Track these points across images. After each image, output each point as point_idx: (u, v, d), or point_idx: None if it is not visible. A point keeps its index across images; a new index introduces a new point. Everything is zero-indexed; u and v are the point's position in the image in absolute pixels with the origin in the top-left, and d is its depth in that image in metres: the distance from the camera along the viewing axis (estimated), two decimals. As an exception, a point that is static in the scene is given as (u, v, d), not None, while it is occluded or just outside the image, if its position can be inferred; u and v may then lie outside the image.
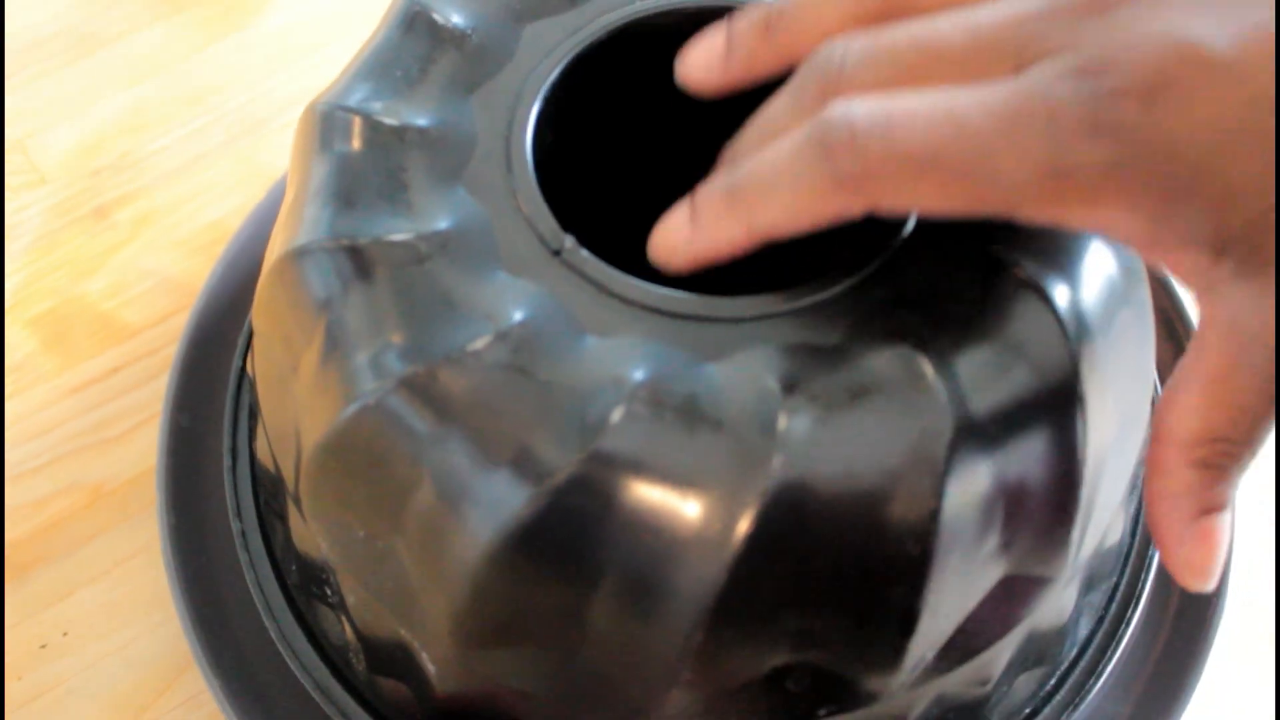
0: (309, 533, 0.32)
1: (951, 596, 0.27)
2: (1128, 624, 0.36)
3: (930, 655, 0.28)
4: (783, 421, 0.26)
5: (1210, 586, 0.27)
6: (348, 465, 0.29)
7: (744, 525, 0.26)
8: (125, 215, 0.50)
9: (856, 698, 0.29)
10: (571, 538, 0.27)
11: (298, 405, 0.31)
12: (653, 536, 0.26)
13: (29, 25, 0.54)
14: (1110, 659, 0.36)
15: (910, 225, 0.29)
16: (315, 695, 0.35)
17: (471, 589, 0.28)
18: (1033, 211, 0.25)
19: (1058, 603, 0.31)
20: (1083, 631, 0.36)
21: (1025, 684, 0.34)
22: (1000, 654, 0.31)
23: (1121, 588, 0.36)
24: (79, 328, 0.47)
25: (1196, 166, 0.23)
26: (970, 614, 0.28)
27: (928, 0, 0.27)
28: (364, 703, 0.35)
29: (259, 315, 0.33)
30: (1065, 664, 0.35)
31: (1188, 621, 0.40)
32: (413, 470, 0.28)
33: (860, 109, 0.25)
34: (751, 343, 0.27)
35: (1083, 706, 0.35)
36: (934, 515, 0.26)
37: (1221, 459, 0.26)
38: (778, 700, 0.28)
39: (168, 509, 0.40)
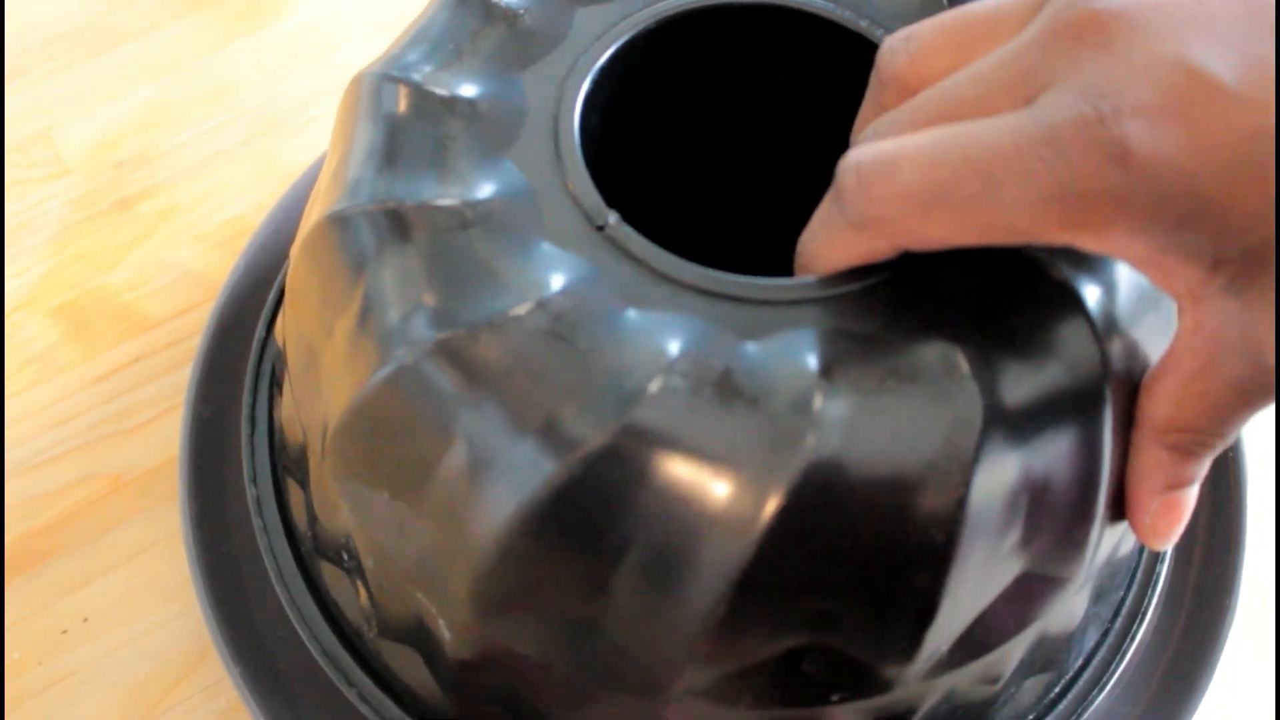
0: (331, 496, 0.32)
1: (971, 588, 0.28)
2: (1132, 638, 0.36)
3: (945, 647, 0.29)
4: (818, 402, 0.26)
5: (1166, 547, 0.30)
6: (379, 427, 0.29)
7: (774, 503, 0.26)
8: (147, 208, 0.50)
9: (870, 685, 0.29)
10: (600, 507, 0.27)
11: (330, 369, 0.31)
12: (681, 510, 0.26)
13: (53, 18, 0.55)
14: (1114, 671, 0.36)
15: None
16: (321, 661, 0.35)
17: (495, 554, 0.28)
18: (1043, 238, 0.25)
19: (1070, 607, 0.32)
20: (1089, 642, 0.36)
21: (1031, 689, 0.34)
22: (1012, 653, 0.31)
23: (1128, 602, 0.37)
24: (101, 319, 0.47)
25: (1202, 196, 0.24)
26: (987, 608, 0.29)
27: (944, 67, 0.28)
28: (372, 672, 0.35)
29: (294, 279, 0.33)
30: (1070, 673, 0.36)
31: (1197, 631, 0.40)
32: (445, 433, 0.28)
33: (866, 153, 0.26)
34: (790, 325, 0.28)
35: (1085, 716, 0.35)
36: (961, 504, 0.26)
37: (1190, 445, 0.28)
38: (792, 681, 0.29)
39: (190, 499, 0.40)
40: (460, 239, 0.29)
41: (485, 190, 0.30)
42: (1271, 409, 0.28)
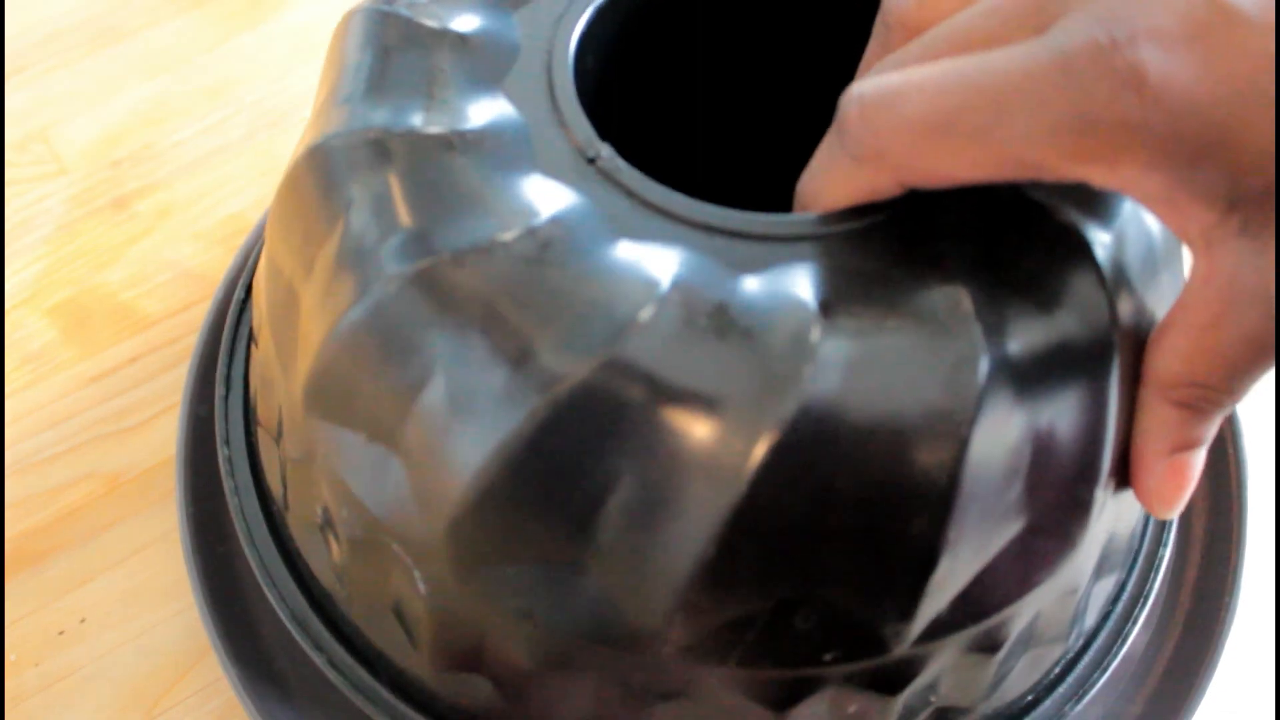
0: (306, 443, 0.31)
1: (972, 540, 0.27)
2: (1134, 621, 0.36)
3: (945, 605, 0.28)
4: (815, 338, 0.25)
5: (1172, 515, 0.28)
6: (356, 362, 0.28)
7: (767, 442, 0.25)
8: (145, 206, 0.50)
9: (865, 644, 0.28)
10: (585, 443, 0.26)
11: (309, 308, 0.30)
12: (670, 448, 0.25)
13: (51, 16, 0.55)
14: (1116, 654, 0.35)
15: None
16: (291, 626, 0.34)
17: (475, 494, 0.27)
18: (1054, 172, 0.24)
19: (1072, 575, 0.31)
20: (1090, 621, 0.35)
21: (1029, 667, 0.33)
22: (1013, 619, 0.30)
23: (1130, 586, 0.36)
24: (98, 317, 0.47)
25: (1219, 127, 0.23)
26: (988, 566, 0.28)
27: (952, 8, 0.27)
28: (343, 638, 0.34)
29: (275, 218, 0.32)
30: (1070, 654, 0.35)
31: (1196, 629, 0.40)
32: (424, 367, 0.27)
33: (869, 85, 0.25)
34: (788, 260, 0.27)
35: (1085, 700, 0.35)
36: (962, 448, 0.25)
37: (1199, 401, 0.26)
38: (784, 638, 0.28)
39: (187, 499, 0.40)
40: (447, 166, 0.28)
41: (474, 121, 0.29)
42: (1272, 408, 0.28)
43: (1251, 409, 0.45)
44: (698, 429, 0.25)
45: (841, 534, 0.26)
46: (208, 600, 0.38)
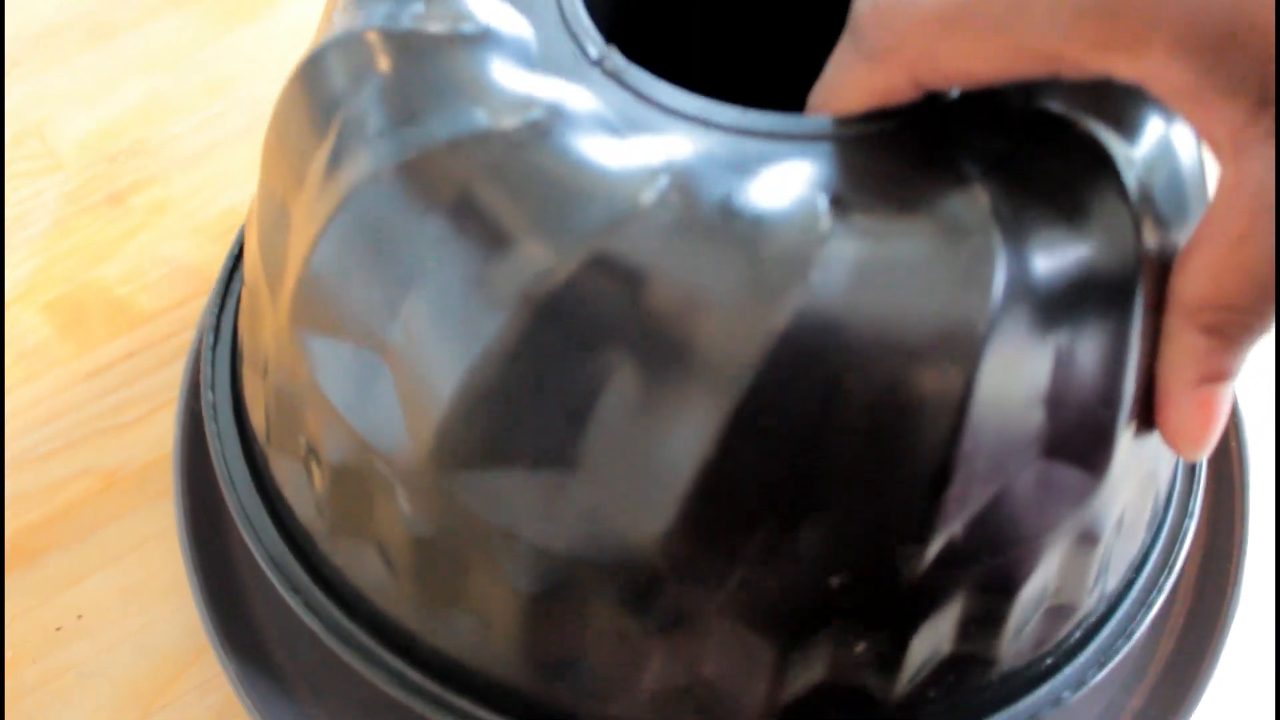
0: (291, 362, 0.30)
1: (988, 455, 0.25)
2: (1159, 590, 0.34)
3: (960, 530, 0.26)
4: (824, 230, 0.24)
5: (1201, 456, 0.27)
6: (346, 260, 0.27)
7: (771, 338, 0.24)
8: (141, 201, 0.50)
9: (876, 568, 0.26)
10: (581, 336, 0.25)
11: (299, 219, 0.29)
12: (669, 342, 0.24)
13: (46, 11, 0.55)
14: (1141, 621, 0.33)
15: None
16: (267, 568, 0.33)
17: (466, 393, 0.26)
18: (1075, 64, 0.23)
19: (1092, 519, 0.29)
20: (1111, 584, 0.33)
21: (1048, 622, 0.32)
22: (1030, 559, 0.28)
23: (1156, 552, 0.35)
24: (94, 313, 0.47)
25: (1245, 11, 0.22)
26: (1005, 491, 0.26)
27: None
28: (321, 581, 0.33)
29: (267, 145, 0.31)
30: (1092, 618, 0.33)
31: (1200, 615, 0.40)
32: (417, 257, 0.26)
33: None
34: (798, 159, 0.26)
35: (1108, 667, 0.33)
36: (980, 347, 0.24)
37: (1228, 326, 0.25)
38: (788, 555, 0.26)
39: (184, 495, 0.40)
40: (446, 61, 0.27)
41: (476, 20, 0.28)
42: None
43: (1252, 402, 0.45)
44: (697, 324, 0.24)
45: (849, 438, 0.25)
46: (205, 596, 0.38)
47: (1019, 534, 0.27)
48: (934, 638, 0.29)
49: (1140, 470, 0.30)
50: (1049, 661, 0.33)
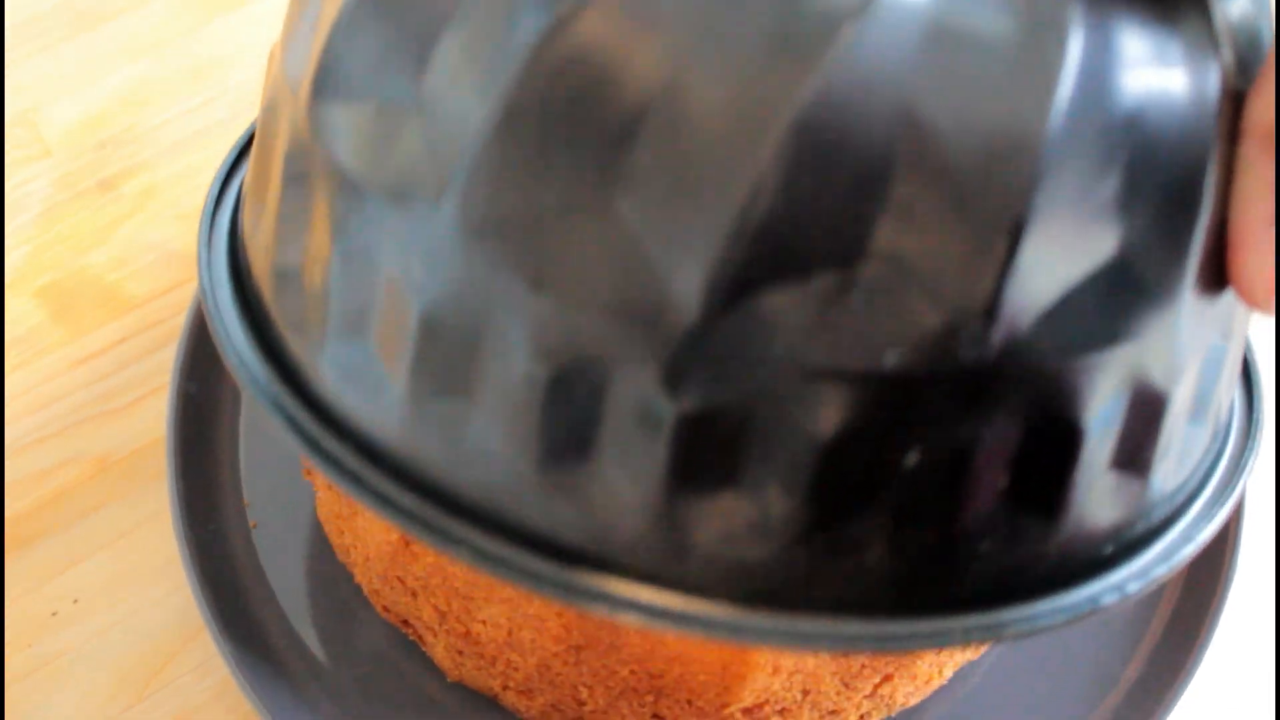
0: (307, 151, 0.29)
1: (1061, 229, 0.24)
2: (1223, 502, 0.32)
3: (1028, 321, 0.24)
4: None
5: (1272, 309, 0.25)
6: (365, 23, 0.26)
7: (832, 54, 0.22)
8: (130, 188, 0.49)
9: (935, 341, 0.24)
10: (621, 59, 0.23)
11: (326, 9, 0.28)
12: (716, 53, 0.22)
13: (33, 0, 0.54)
14: (1204, 529, 0.31)
15: None
16: (254, 392, 0.30)
17: (496, 127, 0.24)
18: None
19: (1160, 368, 0.27)
20: (1179, 473, 0.31)
21: (1110, 494, 0.29)
22: (1092, 386, 0.26)
23: (1226, 455, 0.33)
24: (84, 299, 0.47)
25: None
26: (1076, 287, 0.25)
27: None
28: (310, 406, 0.30)
29: None
30: (1155, 517, 0.31)
31: (1198, 580, 0.40)
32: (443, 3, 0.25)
33: None
34: None
35: (1175, 561, 0.30)
36: (1052, 88, 0.22)
37: None
38: (838, 322, 0.24)
39: (177, 477, 0.40)
40: None
41: None
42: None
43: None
44: (757, 44, 0.22)
45: (916, 182, 0.23)
46: (200, 578, 0.38)
47: (1087, 340, 0.25)
48: (990, 460, 0.26)
49: (1205, 341, 0.28)
50: (1109, 550, 0.30)
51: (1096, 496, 0.28)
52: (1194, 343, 0.28)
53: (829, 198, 0.23)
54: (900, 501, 0.26)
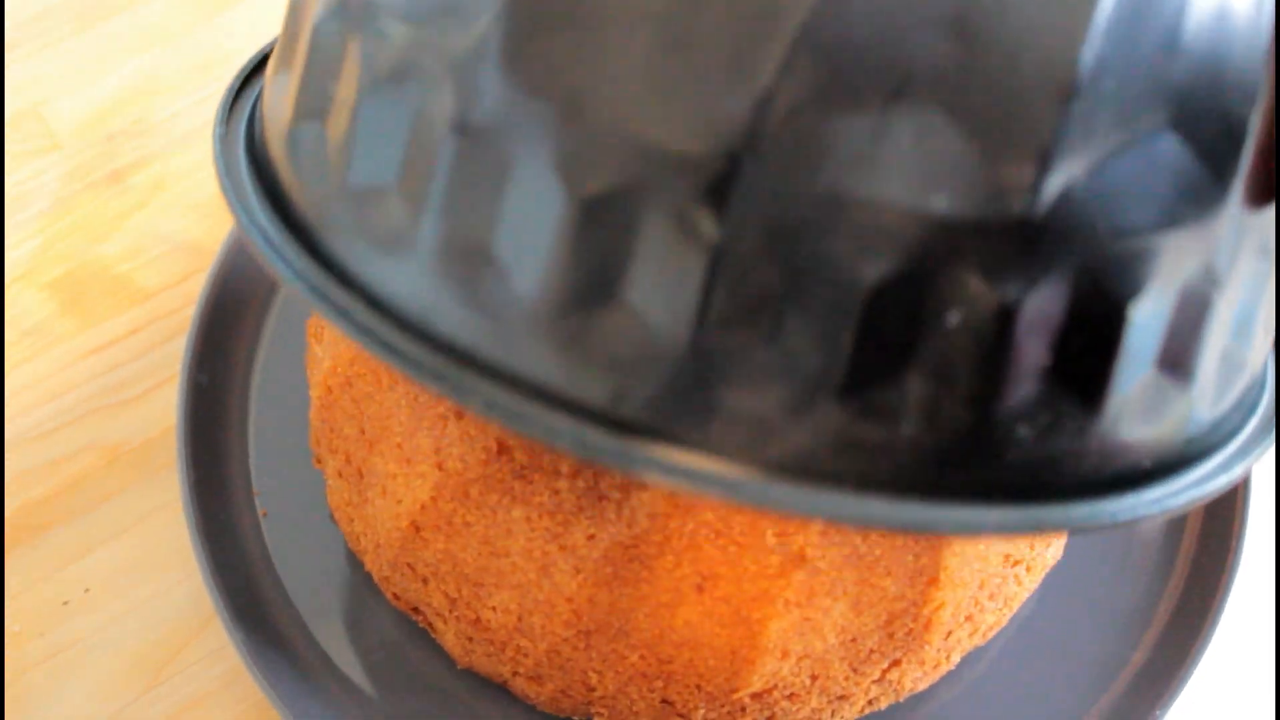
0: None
1: (1117, 84, 0.23)
2: (1267, 435, 0.31)
3: (1081, 175, 0.23)
4: None
5: None
6: None
7: None
8: (140, 180, 0.50)
9: (984, 190, 0.23)
10: None
11: None
12: None
13: (42, -7, 0.55)
14: (1244, 462, 0.30)
15: None
16: (265, 252, 0.28)
17: None
18: None
19: (1211, 264, 0.26)
20: (1220, 410, 0.30)
21: (1149, 406, 0.28)
22: (1142, 264, 0.25)
23: (1261, 407, 0.32)
24: (96, 291, 0.47)
25: None
26: (1129, 149, 0.24)
27: None
28: (322, 263, 0.29)
29: None
30: (1195, 447, 0.30)
31: (1203, 568, 0.40)
32: None
33: None
34: None
35: (1212, 484, 0.29)
36: None
37: None
38: (884, 159, 0.23)
39: (189, 465, 0.40)
40: None
41: None
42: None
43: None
44: None
45: (976, 11, 0.22)
46: (211, 566, 0.38)
47: (1134, 220, 0.25)
48: (1034, 330, 0.25)
49: (1248, 254, 0.27)
50: (1147, 465, 0.29)
51: (1138, 395, 0.27)
52: (1238, 251, 0.27)
53: (888, 28, 0.22)
54: (938, 365, 0.25)
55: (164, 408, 0.45)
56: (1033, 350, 0.25)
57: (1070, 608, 0.39)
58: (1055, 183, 0.23)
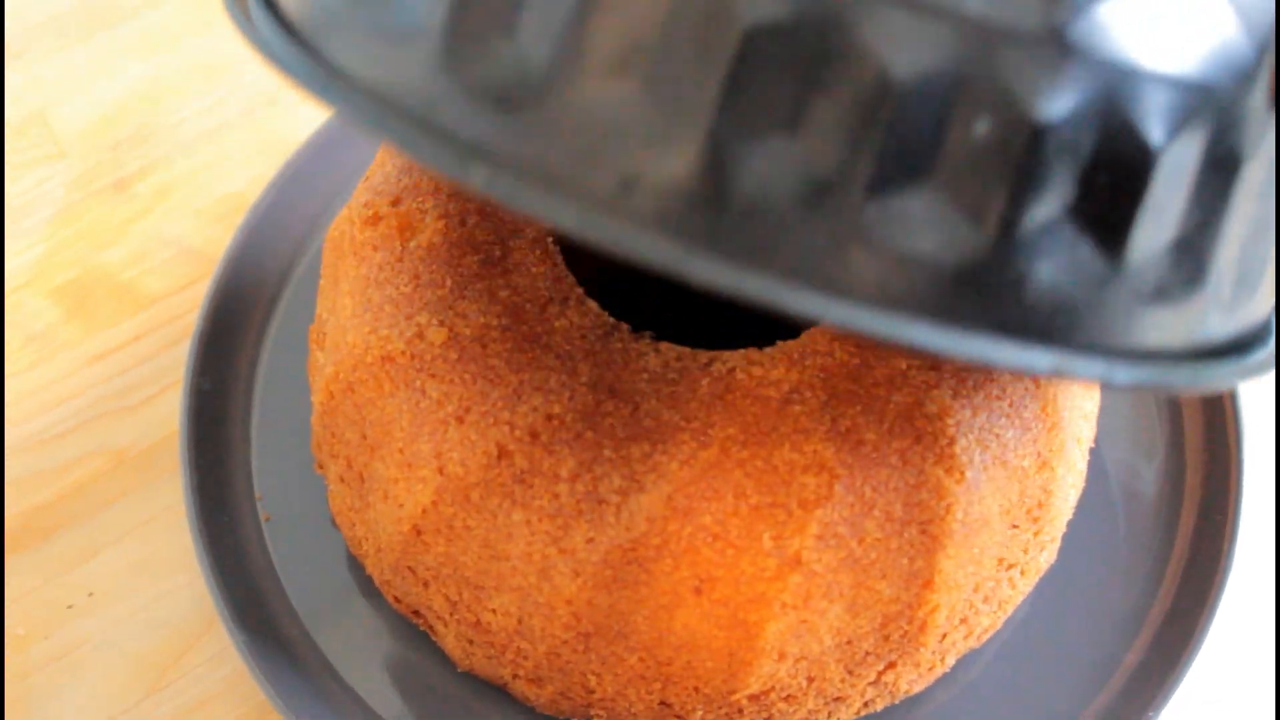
0: None
1: None
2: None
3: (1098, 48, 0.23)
4: None
5: None
6: None
7: None
8: (145, 186, 0.50)
9: (1002, 42, 0.23)
10: None
11: None
12: None
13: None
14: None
15: None
16: (284, 69, 0.27)
17: None
18: None
19: (1238, 129, 0.26)
20: (1232, 328, 0.29)
21: (1166, 278, 0.27)
22: (1170, 105, 0.25)
23: (1269, 343, 0.30)
24: (101, 297, 0.47)
25: None
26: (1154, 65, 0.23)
27: None
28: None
29: None
30: (1204, 349, 0.29)
31: (1196, 570, 0.40)
32: None
33: None
34: None
35: (1217, 381, 0.28)
36: None
37: None
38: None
39: (191, 470, 0.41)
40: None
41: None
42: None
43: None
44: None
45: None
46: (214, 571, 0.39)
47: (1173, 61, 0.24)
48: (1059, 154, 0.25)
49: (1267, 162, 0.27)
50: (1155, 350, 0.28)
51: (1156, 266, 0.27)
52: (1259, 146, 0.26)
53: None
54: (960, 175, 0.24)
55: (167, 413, 0.45)
56: (1057, 178, 0.24)
57: (1064, 610, 0.40)
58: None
